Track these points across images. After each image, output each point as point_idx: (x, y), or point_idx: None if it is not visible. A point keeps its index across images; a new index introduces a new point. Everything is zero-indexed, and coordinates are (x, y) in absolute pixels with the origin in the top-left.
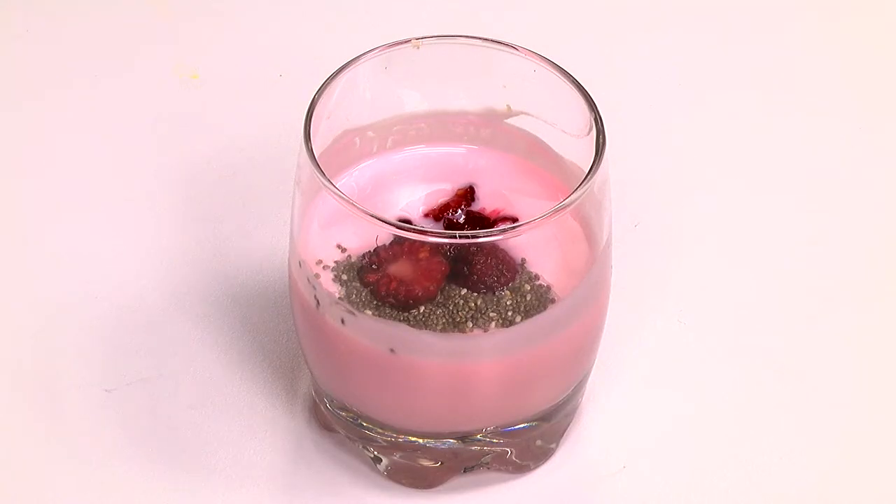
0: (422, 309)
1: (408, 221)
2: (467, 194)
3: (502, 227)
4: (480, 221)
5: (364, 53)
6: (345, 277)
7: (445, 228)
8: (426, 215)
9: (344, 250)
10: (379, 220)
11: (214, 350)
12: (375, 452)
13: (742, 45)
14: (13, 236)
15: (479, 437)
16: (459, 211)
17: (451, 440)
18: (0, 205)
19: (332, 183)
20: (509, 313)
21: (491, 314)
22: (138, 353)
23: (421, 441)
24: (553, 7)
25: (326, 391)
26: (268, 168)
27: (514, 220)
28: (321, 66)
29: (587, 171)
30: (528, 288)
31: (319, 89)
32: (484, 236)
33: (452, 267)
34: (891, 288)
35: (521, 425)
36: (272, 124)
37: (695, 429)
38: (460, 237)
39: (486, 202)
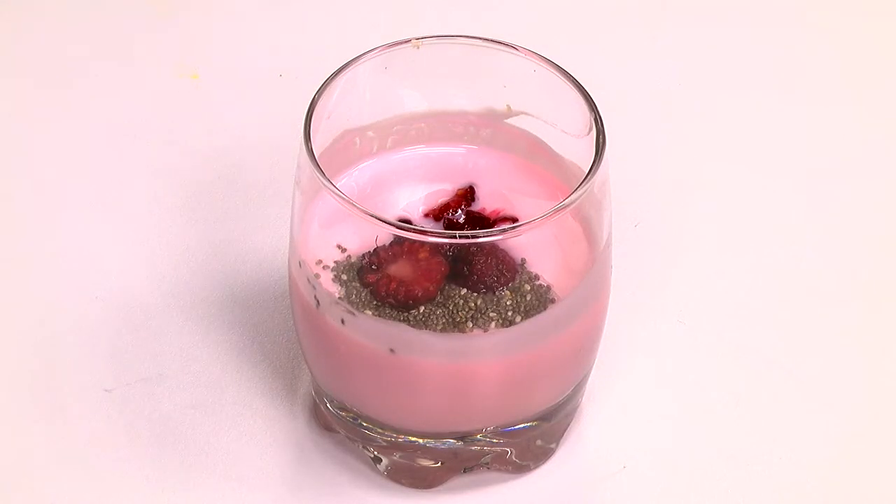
0: (422, 309)
1: (408, 221)
2: (467, 194)
3: (502, 227)
4: (480, 221)
5: (364, 53)
6: (345, 277)
7: (445, 228)
8: (426, 215)
9: (344, 250)
10: (379, 220)
11: (214, 350)
12: (375, 452)
13: (742, 44)
14: (13, 236)
15: (479, 437)
16: (459, 211)
17: (451, 440)
18: (0, 205)
19: (332, 183)
20: (509, 313)
21: (491, 314)
22: (138, 353)
23: (421, 441)
24: (553, 7)
25: (326, 391)
26: (268, 168)
27: (514, 220)
28: (321, 66)
29: (587, 171)
30: (528, 288)
31: (319, 89)
32: (484, 236)
33: (452, 267)
34: (891, 288)
35: (521, 425)
36: (272, 124)
37: (695, 429)
38: (460, 237)
39: (486, 202)
